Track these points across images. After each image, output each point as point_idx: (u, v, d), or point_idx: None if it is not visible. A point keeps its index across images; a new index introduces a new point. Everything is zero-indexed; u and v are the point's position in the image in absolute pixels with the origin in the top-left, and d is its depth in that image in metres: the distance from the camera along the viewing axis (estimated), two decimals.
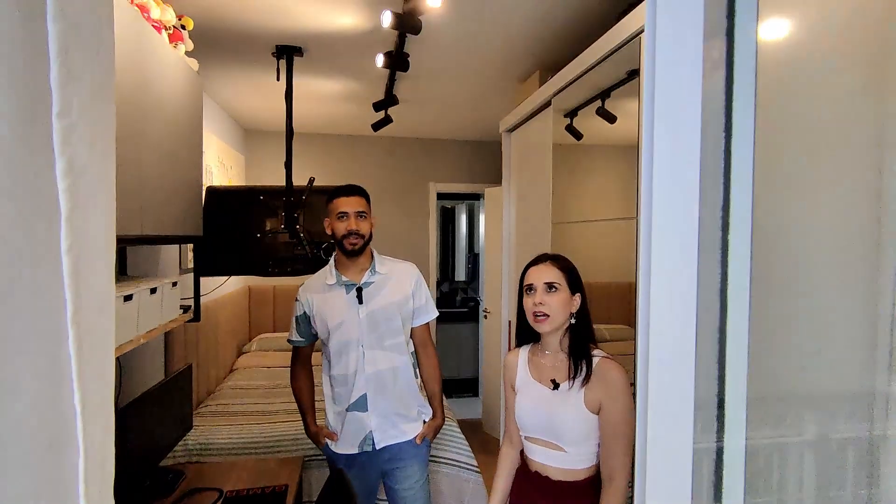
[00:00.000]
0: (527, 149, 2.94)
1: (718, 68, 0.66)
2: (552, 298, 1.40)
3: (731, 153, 0.61)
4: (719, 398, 0.54)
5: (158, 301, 1.82)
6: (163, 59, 1.75)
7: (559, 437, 1.39)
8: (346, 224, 1.88)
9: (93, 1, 0.57)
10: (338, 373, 1.93)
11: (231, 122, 4.20)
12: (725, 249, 0.55)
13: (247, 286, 4.55)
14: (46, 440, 0.57)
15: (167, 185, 1.81)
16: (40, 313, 0.54)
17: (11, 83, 0.52)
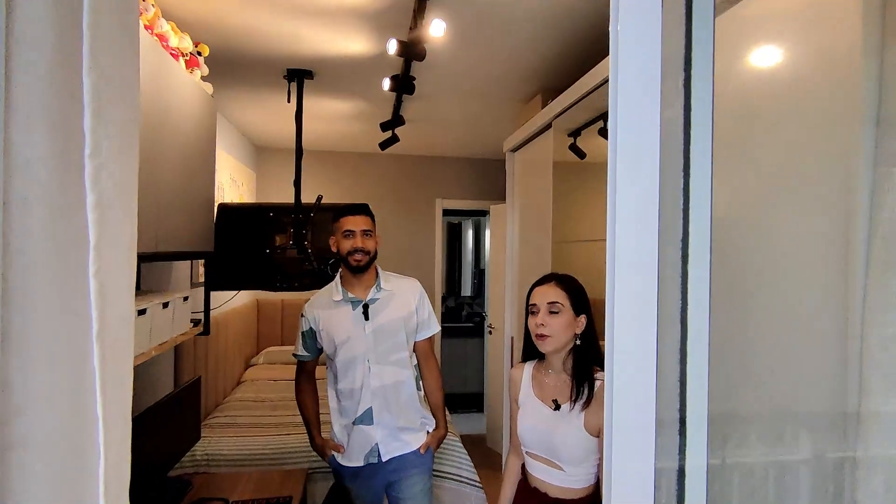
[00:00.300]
0: (530, 168, 3.00)
1: (676, 105, 0.72)
2: (554, 320, 1.40)
3: (689, 175, 0.67)
4: (681, 418, 0.59)
5: (170, 315, 1.89)
6: (180, 84, 1.84)
7: (558, 456, 1.40)
8: (351, 242, 1.95)
9: (124, 54, 0.64)
10: (344, 387, 1.98)
11: (242, 139, 4.31)
12: (685, 274, 0.61)
13: (255, 300, 4.63)
14: (71, 446, 0.63)
15: (181, 204, 1.89)
16: (69, 331, 0.61)
17: (50, 128, 0.59)
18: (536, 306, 1.43)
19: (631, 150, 0.61)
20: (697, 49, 0.67)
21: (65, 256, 0.60)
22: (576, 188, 2.72)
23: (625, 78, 0.61)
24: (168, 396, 2.06)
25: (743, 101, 0.98)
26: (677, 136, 0.64)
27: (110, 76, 0.62)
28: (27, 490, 0.59)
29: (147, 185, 1.58)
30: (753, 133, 0.95)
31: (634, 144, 0.60)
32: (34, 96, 0.58)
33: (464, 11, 2.04)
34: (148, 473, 1.88)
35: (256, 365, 4.22)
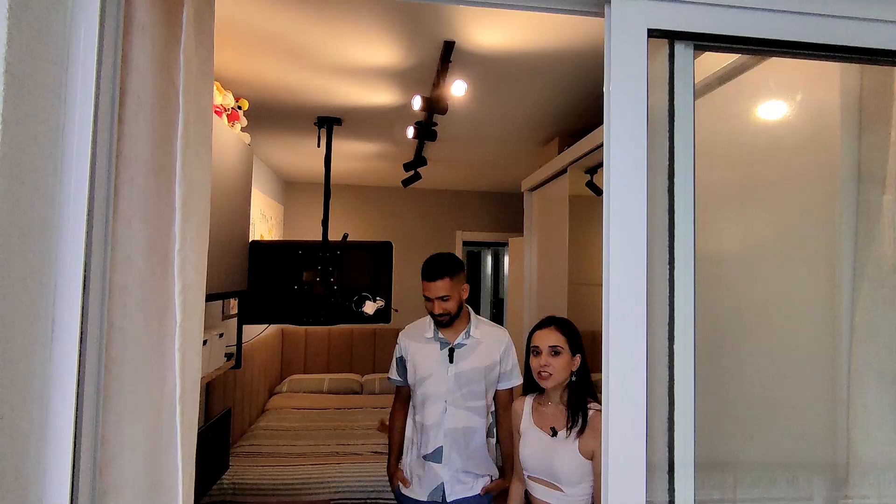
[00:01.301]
0: (547, 207, 3.12)
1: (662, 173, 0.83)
2: (555, 360, 1.59)
3: (674, 221, 0.77)
4: (670, 462, 0.68)
5: (208, 352, 2.03)
6: (222, 139, 2.01)
7: (557, 478, 1.55)
8: (430, 306, 2.03)
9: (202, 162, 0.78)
10: (420, 420, 2.06)
11: (272, 175, 4.52)
12: (672, 326, 0.71)
13: (280, 330, 4.77)
14: (149, 488, 0.75)
15: (220, 247, 2.04)
16: (156, 394, 0.73)
17: (146, 226, 0.73)
18: (538, 348, 1.62)
19: (622, 201, 0.73)
20: (679, 114, 0.78)
21: (153, 332, 0.73)
22: (593, 226, 2.82)
23: (616, 133, 0.73)
24: (201, 429, 2.19)
25: (733, 158, 1.09)
26: (663, 190, 0.75)
27: (194, 183, 0.76)
28: None
29: None
30: (742, 187, 1.06)
31: (625, 201, 0.71)
32: (134, 203, 0.72)
33: (483, 70, 2.19)
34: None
35: (280, 393, 4.34)
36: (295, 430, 3.53)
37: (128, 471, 0.72)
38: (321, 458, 3.04)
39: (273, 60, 2.21)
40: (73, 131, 0.62)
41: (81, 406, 0.63)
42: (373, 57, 2.12)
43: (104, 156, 0.68)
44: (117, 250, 0.71)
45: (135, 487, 0.73)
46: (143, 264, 0.73)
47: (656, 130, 0.81)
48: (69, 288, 0.60)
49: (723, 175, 1.06)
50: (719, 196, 0.94)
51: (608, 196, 0.77)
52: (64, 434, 0.59)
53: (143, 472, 0.74)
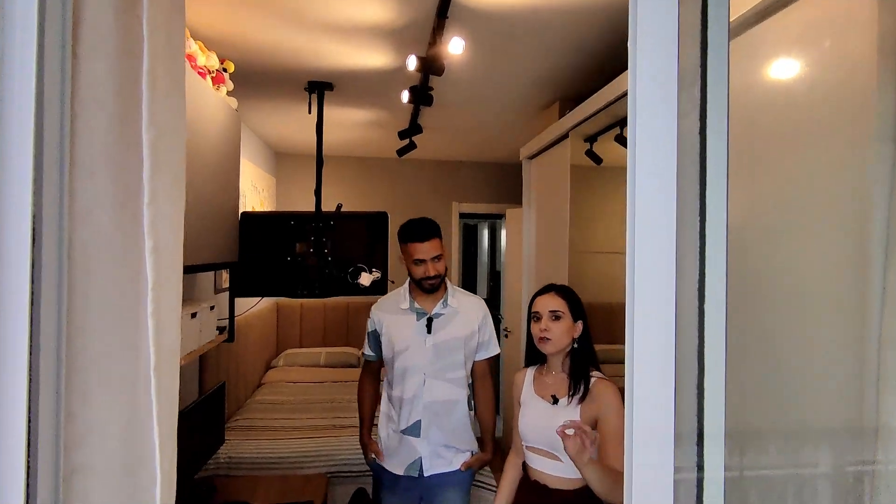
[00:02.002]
0: (546, 176, 3.03)
1: (692, 114, 0.75)
2: (556, 325, 1.56)
3: (706, 186, 0.70)
4: (699, 430, 0.63)
5: (198, 324, 1.96)
6: (207, 102, 1.91)
7: (557, 447, 1.49)
8: (423, 269, 1.93)
9: (175, 106, 0.70)
10: (397, 395, 2.00)
11: (263, 146, 4.39)
12: (702, 290, 0.64)
13: (275, 303, 4.71)
14: (126, 468, 0.69)
15: (208, 217, 1.95)
16: (127, 365, 0.66)
17: (110, 179, 0.65)
18: (539, 314, 1.59)
19: (649, 159, 0.65)
20: (713, 60, 0.70)
21: (122, 295, 0.66)
22: (591, 194, 2.74)
23: (642, 88, 0.65)
24: (195, 403, 2.13)
25: (759, 113, 1.01)
26: (693, 146, 0.68)
27: (164, 130, 0.67)
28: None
29: None
30: (769, 145, 0.98)
31: (652, 155, 0.64)
32: (96, 151, 0.64)
33: (482, 27, 2.07)
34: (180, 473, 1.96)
35: (276, 367, 4.30)
36: (291, 403, 3.50)
37: (99, 449, 0.65)
38: (318, 432, 3.01)
39: (259, 19, 2.09)
40: (13, 61, 0.53)
41: (37, 379, 0.55)
42: (365, 14, 2.00)
43: (55, 95, 0.59)
44: (77, 204, 0.63)
45: (108, 466, 0.66)
46: (109, 221, 0.65)
47: (686, 80, 0.72)
48: (15, 242, 0.52)
49: (746, 132, 0.98)
50: (744, 153, 0.86)
51: (634, 143, 0.69)
52: (14, 410, 0.52)
53: (118, 450, 0.67)
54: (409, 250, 1.95)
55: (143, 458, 0.69)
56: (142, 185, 0.65)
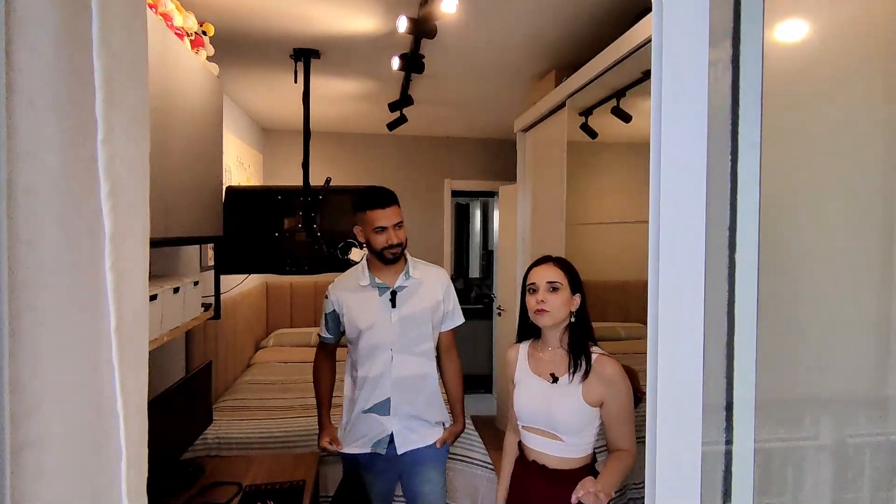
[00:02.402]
0: (542, 148, 2.95)
1: (725, 72, 0.68)
2: (553, 297, 1.49)
3: (737, 157, 0.63)
4: (727, 401, 0.57)
5: (181, 300, 1.88)
6: (185, 65, 1.80)
7: (556, 427, 1.46)
8: (385, 237, 1.86)
9: (133, 32, 0.60)
10: (363, 374, 1.92)
11: (249, 121, 4.26)
12: (733, 252, 0.57)
13: (264, 282, 4.62)
14: (89, 443, 0.61)
15: (189, 187, 1.86)
16: (84, 326, 0.58)
17: (59, 113, 0.56)
18: (535, 285, 1.51)
19: (677, 123, 0.58)
20: (746, 16, 0.62)
21: (78, 248, 0.57)
22: (587, 169, 2.67)
23: (671, 44, 0.57)
24: (180, 382, 2.06)
25: (793, 75, 0.93)
26: (724, 110, 0.60)
27: (121, 57, 0.58)
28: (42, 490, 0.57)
29: (155, 169, 1.54)
30: (804, 104, 0.90)
31: (681, 117, 0.56)
32: (39, 79, 0.55)
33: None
34: (161, 459, 1.89)
35: (266, 347, 4.23)
36: (282, 383, 3.43)
37: (54, 421, 0.58)
38: (309, 411, 2.95)
39: None
40: None
41: None
42: None
43: None
44: (18, 143, 0.54)
45: (65, 440, 0.59)
46: (58, 163, 0.56)
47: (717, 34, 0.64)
48: None
49: (782, 89, 0.90)
50: (778, 111, 0.78)
51: (660, 97, 0.61)
52: None
53: (76, 422, 0.60)
54: (368, 219, 1.87)
55: (107, 432, 0.62)
56: (95, 121, 0.56)
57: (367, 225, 1.89)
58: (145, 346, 0.68)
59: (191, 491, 1.99)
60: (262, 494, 1.96)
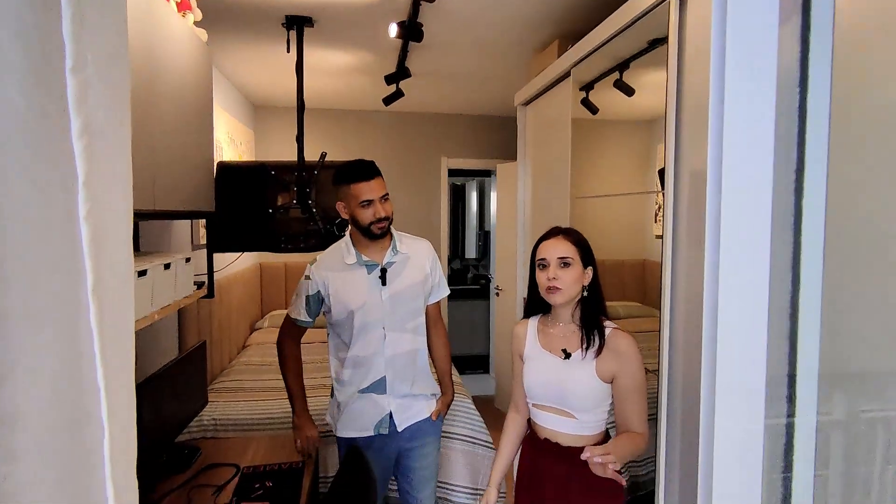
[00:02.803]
0: (543, 122, 2.86)
1: (793, 45, 0.61)
2: (565, 273, 1.41)
3: (805, 129, 0.57)
4: (790, 374, 0.51)
5: (172, 277, 1.80)
6: (171, 29, 1.69)
7: (569, 404, 1.41)
8: (372, 211, 1.78)
9: None
10: (355, 354, 1.86)
11: (240, 97, 4.13)
12: (798, 224, 0.51)
13: (258, 264, 4.54)
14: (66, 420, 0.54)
15: (178, 159, 1.77)
16: (58, 286, 0.51)
17: (20, 36, 0.48)
18: (545, 260, 1.44)
19: (743, 96, 0.51)
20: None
21: (45, 196, 0.50)
22: (587, 144, 2.58)
23: (737, 18, 0.50)
24: (173, 362, 1.99)
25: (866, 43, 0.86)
26: (793, 77, 0.53)
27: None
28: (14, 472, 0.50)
29: (141, 137, 1.46)
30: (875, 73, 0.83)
31: (748, 86, 0.49)
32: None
33: None
34: (155, 441, 1.83)
35: (261, 329, 4.17)
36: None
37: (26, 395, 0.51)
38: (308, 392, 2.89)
39: None
40: None
41: None
42: None
43: None
44: None
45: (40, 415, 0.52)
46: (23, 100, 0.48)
47: None
48: None
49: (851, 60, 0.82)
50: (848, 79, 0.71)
51: (723, 63, 0.54)
52: None
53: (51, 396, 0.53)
54: (353, 192, 1.79)
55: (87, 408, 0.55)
56: (62, 46, 0.48)
57: (351, 200, 1.81)
58: (131, 313, 0.60)
59: (187, 473, 1.94)
60: (260, 476, 1.91)
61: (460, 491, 2.61)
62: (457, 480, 2.61)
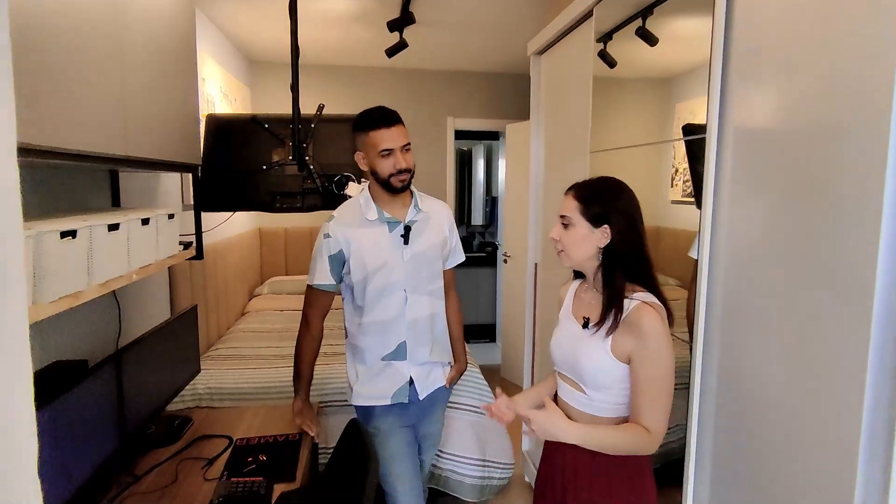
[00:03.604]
0: (560, 72, 2.63)
1: None
2: (566, 234, 1.27)
3: None
4: None
5: (153, 234, 1.63)
6: None
7: (581, 377, 1.27)
8: (392, 162, 1.63)
9: None
10: (373, 319, 1.72)
11: (235, 51, 3.89)
12: None
13: (257, 228, 4.38)
14: None
15: (156, 102, 1.59)
16: None
17: None
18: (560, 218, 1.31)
19: None
20: None
21: None
22: (604, 103, 2.37)
23: None
24: (161, 326, 1.85)
25: None
26: None
27: None
28: None
29: (108, 78, 1.28)
30: None
31: None
32: None
33: None
34: (140, 410, 1.69)
35: (261, 295, 4.04)
36: (278, 331, 3.24)
37: None
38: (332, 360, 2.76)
39: None
40: None
41: None
42: None
43: None
44: None
45: None
46: None
47: None
48: None
49: None
50: None
51: None
52: None
53: None
54: (372, 141, 1.64)
55: None
56: None
57: (370, 149, 1.65)
58: (18, 284, 0.43)
59: (175, 445, 1.82)
60: (254, 448, 1.78)
61: (468, 462, 2.49)
62: (465, 452, 2.49)
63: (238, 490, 1.49)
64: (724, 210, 1.31)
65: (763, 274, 1.16)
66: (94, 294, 1.28)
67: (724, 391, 1.30)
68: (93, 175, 1.79)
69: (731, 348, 1.27)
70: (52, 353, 1.59)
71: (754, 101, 1.22)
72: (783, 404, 1.08)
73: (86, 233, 1.22)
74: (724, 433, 1.30)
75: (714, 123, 1.35)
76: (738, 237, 1.26)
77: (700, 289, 1.35)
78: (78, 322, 1.72)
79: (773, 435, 1.11)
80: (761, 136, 1.18)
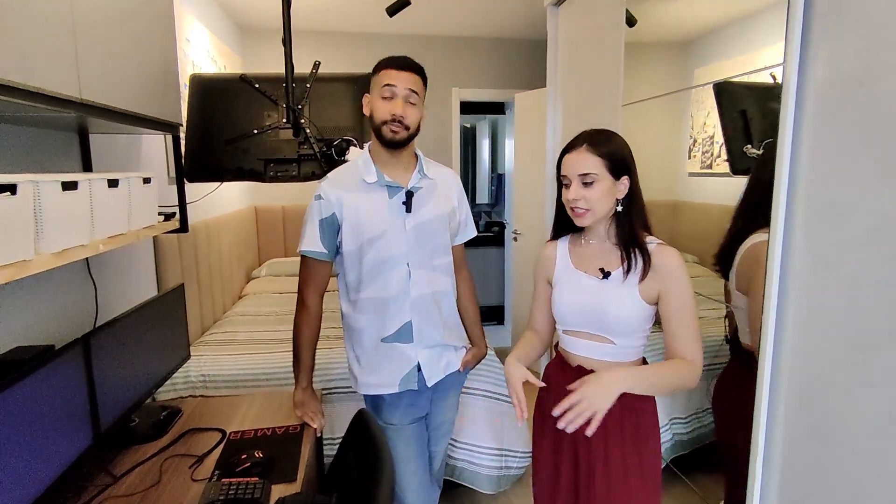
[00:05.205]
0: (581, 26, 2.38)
1: None
2: (590, 192, 1.21)
3: None
4: None
5: (125, 200, 1.41)
6: None
7: (608, 329, 1.27)
8: (390, 106, 1.44)
9: None
10: (371, 295, 1.52)
11: (224, 15, 3.63)
12: None
13: (253, 206, 4.16)
14: None
15: (121, 54, 1.36)
16: None
17: None
18: (568, 178, 1.25)
19: None
20: None
21: None
22: (627, 65, 2.13)
23: None
24: (141, 305, 1.63)
25: None
26: None
27: None
28: None
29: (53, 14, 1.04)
30: None
31: None
32: None
33: None
34: (119, 399, 1.48)
35: (259, 278, 3.82)
36: (276, 314, 3.03)
37: None
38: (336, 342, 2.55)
39: None
40: None
41: None
42: None
43: None
44: None
45: None
46: None
47: None
48: None
49: None
50: None
51: None
52: None
53: None
54: (379, 78, 1.46)
55: None
56: None
57: (375, 87, 1.47)
58: None
59: (161, 440, 1.61)
60: (249, 443, 1.57)
61: (485, 452, 2.29)
62: (481, 441, 2.29)
63: (230, 493, 1.28)
64: (802, 180, 1.10)
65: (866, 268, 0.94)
66: (46, 265, 1.06)
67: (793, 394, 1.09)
68: (55, 136, 1.56)
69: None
70: (14, 337, 1.38)
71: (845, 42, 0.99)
72: None
73: (29, 189, 1.00)
74: (793, 427, 1.10)
75: (793, 78, 1.12)
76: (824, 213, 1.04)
77: (771, 266, 1.17)
78: (44, 302, 1.50)
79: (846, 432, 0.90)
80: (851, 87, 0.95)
